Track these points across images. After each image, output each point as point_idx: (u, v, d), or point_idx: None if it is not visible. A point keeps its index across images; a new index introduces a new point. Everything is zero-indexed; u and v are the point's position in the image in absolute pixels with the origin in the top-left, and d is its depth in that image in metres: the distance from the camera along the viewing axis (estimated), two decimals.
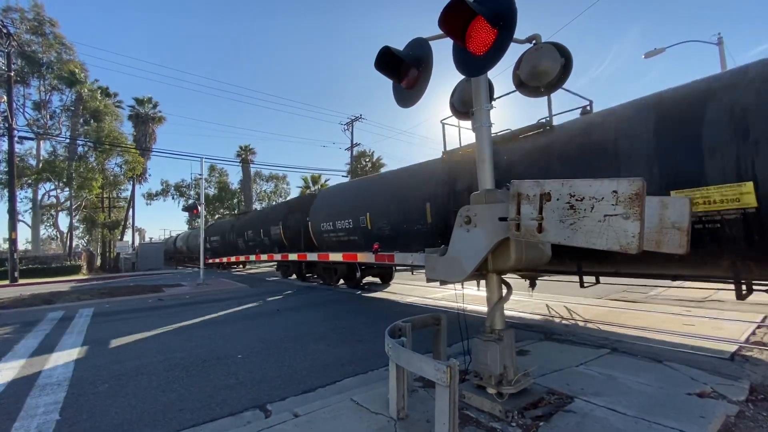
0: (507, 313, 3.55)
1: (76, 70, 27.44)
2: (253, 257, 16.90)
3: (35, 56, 26.77)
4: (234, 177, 50.27)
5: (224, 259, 21.02)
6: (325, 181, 37.68)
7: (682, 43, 16.02)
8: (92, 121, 27.77)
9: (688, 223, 2.77)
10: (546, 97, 5.15)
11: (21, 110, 27.01)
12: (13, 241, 20.78)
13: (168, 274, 23.71)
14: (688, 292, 7.60)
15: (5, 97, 21.78)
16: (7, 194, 22.80)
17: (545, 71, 3.47)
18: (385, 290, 11.48)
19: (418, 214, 7.67)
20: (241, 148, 42.30)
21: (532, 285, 6.74)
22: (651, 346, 4.68)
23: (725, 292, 7.81)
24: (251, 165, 42.18)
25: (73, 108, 28.45)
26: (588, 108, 5.39)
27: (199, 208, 17.72)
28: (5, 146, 23.01)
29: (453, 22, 2.96)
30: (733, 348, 4.51)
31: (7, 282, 19.95)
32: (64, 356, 5.41)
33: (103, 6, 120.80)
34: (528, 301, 8.27)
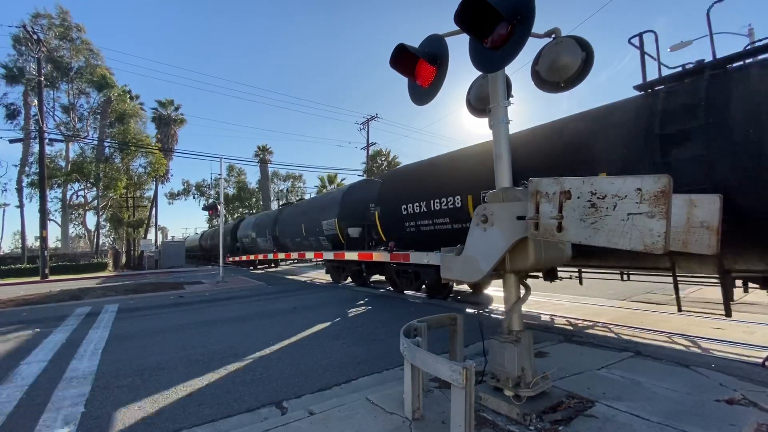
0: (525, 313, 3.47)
1: (107, 74, 28.43)
2: None
3: (63, 61, 27.80)
4: (252, 177, 51.19)
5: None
6: (341, 180, 37.93)
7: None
8: (117, 123, 28.68)
9: (718, 222, 2.65)
10: (565, 93, 4.99)
11: (51, 113, 28.13)
12: (43, 239, 21.68)
13: (189, 271, 24.27)
14: (718, 294, 7.29)
15: (36, 101, 22.73)
16: (38, 194, 23.79)
17: (565, 66, 3.35)
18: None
19: None
20: (259, 148, 42.97)
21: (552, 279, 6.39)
22: (677, 350, 4.51)
23: (757, 294, 7.49)
24: (269, 165, 42.83)
25: (100, 111, 29.47)
26: None
27: (218, 207, 18.07)
28: (37, 148, 24.04)
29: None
30: (765, 353, 4.30)
31: (38, 278, 20.84)
32: (90, 351, 5.59)
33: (119, 8, 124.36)
34: (548, 302, 8.11)
